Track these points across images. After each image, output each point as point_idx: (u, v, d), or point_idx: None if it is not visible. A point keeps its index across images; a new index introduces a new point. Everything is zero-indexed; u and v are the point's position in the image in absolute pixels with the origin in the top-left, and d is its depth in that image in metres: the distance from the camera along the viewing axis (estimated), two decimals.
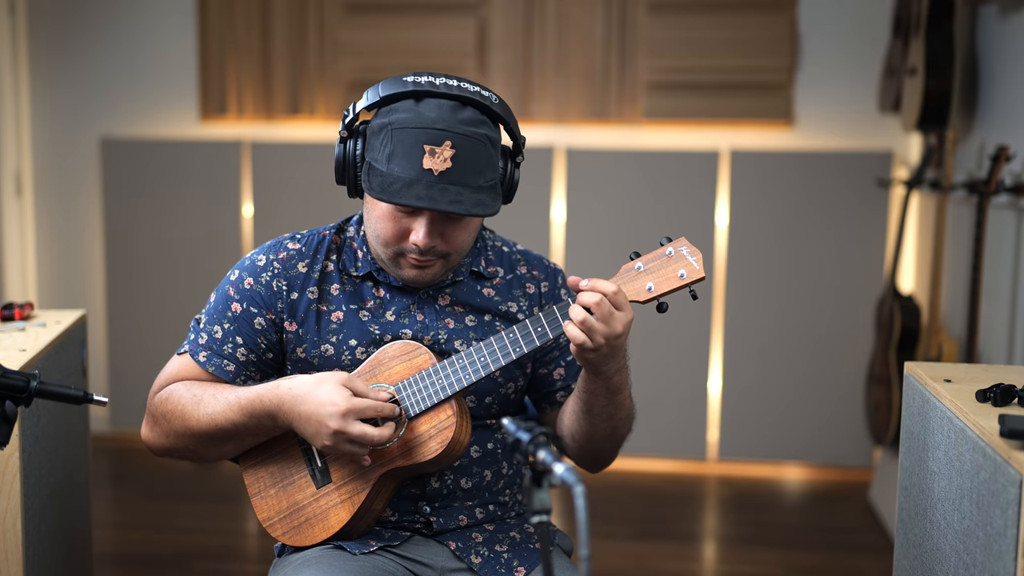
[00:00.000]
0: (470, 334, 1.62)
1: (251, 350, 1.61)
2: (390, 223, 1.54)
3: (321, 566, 1.52)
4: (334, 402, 1.46)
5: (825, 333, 3.88)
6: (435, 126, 1.48)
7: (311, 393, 1.49)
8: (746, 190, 3.86)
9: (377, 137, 1.52)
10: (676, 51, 3.90)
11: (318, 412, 1.47)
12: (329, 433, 1.47)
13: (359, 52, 4.00)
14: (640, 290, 1.50)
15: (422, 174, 1.47)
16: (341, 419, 1.46)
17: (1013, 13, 2.92)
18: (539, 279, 1.71)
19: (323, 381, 1.49)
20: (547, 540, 1.09)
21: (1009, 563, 1.24)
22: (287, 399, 1.50)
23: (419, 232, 1.52)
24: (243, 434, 1.56)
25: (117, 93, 4.16)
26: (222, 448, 1.60)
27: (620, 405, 1.58)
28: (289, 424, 1.52)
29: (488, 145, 1.53)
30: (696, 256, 1.49)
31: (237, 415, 1.54)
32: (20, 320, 2.05)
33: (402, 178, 1.47)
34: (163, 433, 1.60)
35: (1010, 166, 2.78)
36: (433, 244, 1.53)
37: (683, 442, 3.97)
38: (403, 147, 1.48)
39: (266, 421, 1.53)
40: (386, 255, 1.58)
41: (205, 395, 1.57)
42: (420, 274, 1.58)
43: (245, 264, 1.64)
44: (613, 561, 3.15)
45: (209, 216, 4.07)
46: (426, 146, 1.47)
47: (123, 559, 3.13)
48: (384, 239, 1.56)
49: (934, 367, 1.67)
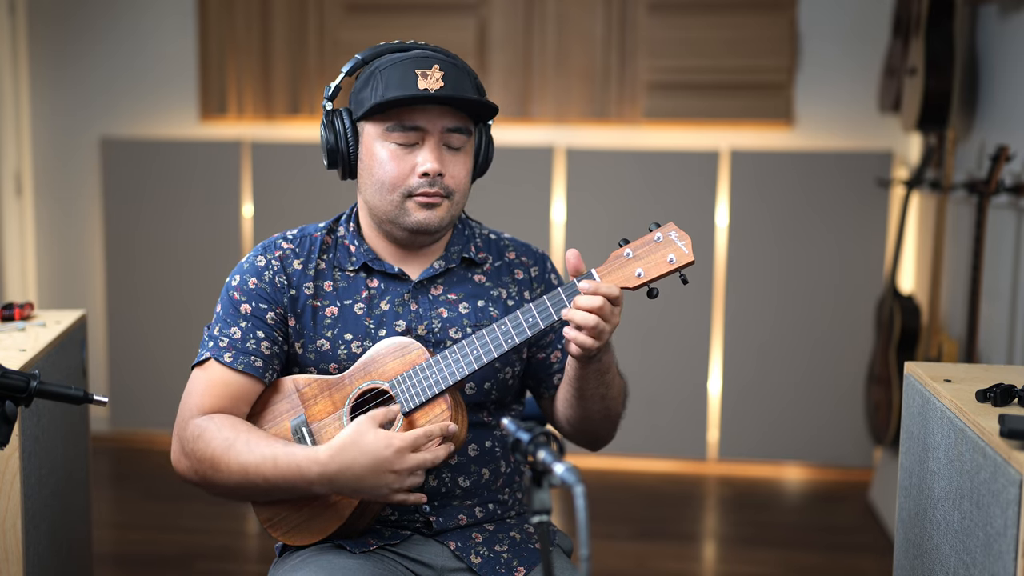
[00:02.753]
0: (464, 321, 1.63)
1: (273, 342, 1.60)
2: (394, 162, 1.57)
3: (320, 564, 1.52)
4: (388, 445, 1.45)
5: (825, 333, 3.88)
6: (420, 56, 1.57)
7: (357, 452, 1.45)
8: (746, 190, 3.86)
9: (365, 88, 1.58)
10: (676, 51, 3.90)
11: (375, 464, 1.45)
12: (395, 478, 1.45)
13: (359, 52, 3.99)
14: (630, 276, 1.50)
15: (419, 93, 1.53)
16: (400, 459, 1.45)
17: (1013, 13, 2.92)
18: (528, 265, 1.73)
19: (361, 434, 1.46)
20: (547, 540, 1.09)
21: (1009, 563, 1.24)
22: (331, 469, 1.46)
23: (425, 158, 1.56)
24: (272, 493, 1.53)
25: (117, 93, 4.16)
26: (247, 497, 1.58)
27: (611, 384, 1.60)
28: (337, 492, 1.49)
29: (470, 76, 1.61)
30: (685, 240, 1.49)
31: (271, 474, 1.49)
32: (20, 320, 2.05)
33: (402, 99, 1.53)
34: (192, 469, 1.56)
35: (1010, 166, 2.78)
36: (440, 170, 1.56)
37: (683, 442, 3.97)
38: (395, 78, 1.55)
39: (301, 487, 1.50)
40: (393, 203, 1.59)
41: (237, 441, 1.52)
42: (430, 215, 1.59)
43: (244, 267, 1.65)
44: (613, 561, 3.15)
45: (209, 216, 4.08)
46: (416, 70, 1.54)
47: (123, 559, 3.13)
48: (391, 182, 1.57)
49: (934, 367, 1.67)
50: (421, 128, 1.56)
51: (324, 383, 1.59)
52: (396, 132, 1.56)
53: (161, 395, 4.04)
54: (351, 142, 1.61)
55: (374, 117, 1.58)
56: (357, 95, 1.60)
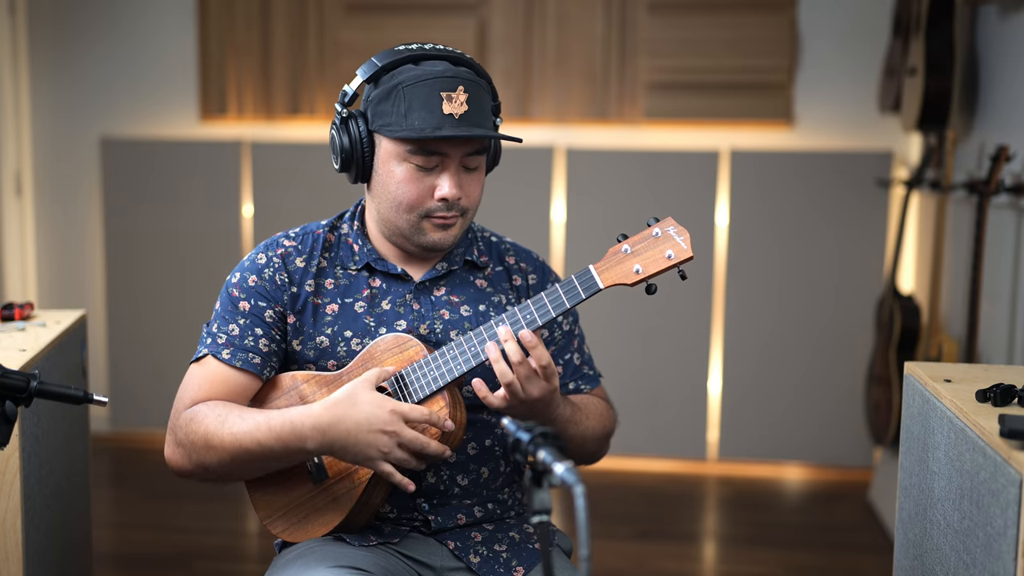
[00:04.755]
0: (465, 324, 1.63)
1: (271, 340, 1.60)
2: (413, 184, 1.55)
3: (325, 552, 1.53)
4: (382, 405, 1.45)
5: (825, 333, 3.88)
6: (446, 75, 1.53)
7: (351, 405, 1.46)
8: (746, 190, 3.86)
9: (386, 101, 1.55)
10: (676, 51, 3.90)
11: (368, 420, 1.44)
12: (387, 440, 1.45)
13: (359, 52, 3.99)
14: (628, 272, 1.49)
15: (444, 119, 1.51)
16: (394, 421, 1.45)
17: (1013, 13, 2.92)
18: (526, 271, 1.73)
19: (356, 391, 1.46)
20: (547, 540, 1.09)
21: (1009, 563, 1.24)
22: (324, 420, 1.46)
23: (445, 183, 1.55)
24: (267, 458, 1.52)
25: (117, 93, 4.16)
26: (243, 470, 1.56)
27: (575, 429, 1.62)
28: (328, 448, 1.48)
29: (489, 94, 1.60)
30: (683, 236, 1.49)
31: (265, 436, 1.49)
32: (20, 320, 2.05)
33: (427, 126, 1.51)
34: (186, 455, 1.56)
35: (1010, 166, 2.78)
36: (459, 195, 1.56)
37: (683, 442, 3.97)
38: (419, 99, 1.52)
39: (295, 445, 1.49)
40: (409, 222, 1.58)
41: (230, 415, 1.53)
42: (445, 235, 1.59)
43: (245, 265, 1.65)
44: (613, 561, 3.15)
45: (209, 216, 4.07)
46: (442, 93, 1.52)
47: (123, 559, 3.13)
48: (408, 203, 1.56)
49: (934, 367, 1.67)
50: (442, 153, 1.55)
51: (323, 379, 1.59)
52: (417, 156, 1.55)
53: (161, 395, 4.02)
54: (367, 150, 1.59)
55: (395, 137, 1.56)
56: (376, 106, 1.57)
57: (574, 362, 1.72)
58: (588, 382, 1.74)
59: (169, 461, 1.59)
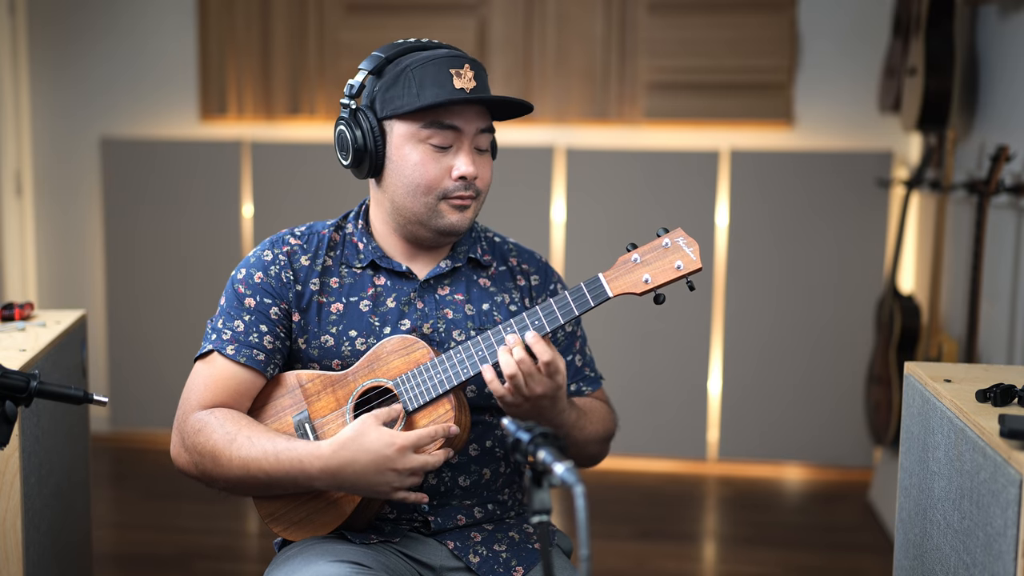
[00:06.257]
0: (468, 323, 1.63)
1: (276, 337, 1.60)
2: (430, 165, 1.57)
3: (326, 548, 1.53)
4: (390, 443, 1.45)
5: (825, 333, 3.88)
6: (452, 54, 1.57)
7: (359, 448, 1.46)
8: (746, 190, 3.86)
9: (395, 87, 1.57)
10: (676, 51, 3.90)
11: (377, 461, 1.45)
12: (396, 476, 1.45)
13: (359, 52, 3.99)
14: (637, 282, 1.50)
15: (455, 93, 1.54)
16: (402, 457, 1.45)
17: (1013, 13, 2.92)
18: (529, 272, 1.73)
19: (363, 432, 1.47)
20: (547, 540, 1.09)
21: (1009, 563, 1.24)
22: (332, 464, 1.46)
23: (462, 162, 1.57)
24: (273, 487, 1.53)
25: (117, 93, 4.16)
26: (248, 492, 1.57)
27: (580, 434, 1.63)
28: (337, 488, 1.49)
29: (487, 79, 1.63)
30: (693, 247, 1.50)
31: (273, 468, 1.49)
32: (20, 320, 2.05)
33: (442, 97, 1.53)
34: (192, 463, 1.57)
35: (1010, 166, 2.78)
36: (476, 173, 1.58)
37: (683, 442, 3.97)
38: (429, 76, 1.55)
39: (303, 483, 1.50)
40: (427, 205, 1.59)
41: (239, 435, 1.52)
42: (462, 216, 1.60)
43: (251, 261, 1.65)
44: (613, 561, 3.15)
45: (209, 216, 4.08)
46: (451, 69, 1.55)
47: (123, 559, 3.13)
48: (427, 184, 1.57)
49: (934, 367, 1.67)
50: (457, 128, 1.56)
51: (328, 379, 1.59)
52: (433, 131, 1.56)
53: (161, 395, 4.04)
54: (379, 141, 1.59)
55: (407, 117, 1.57)
56: (385, 93, 1.58)
57: (576, 364, 1.73)
58: (589, 384, 1.74)
59: (175, 461, 1.60)
